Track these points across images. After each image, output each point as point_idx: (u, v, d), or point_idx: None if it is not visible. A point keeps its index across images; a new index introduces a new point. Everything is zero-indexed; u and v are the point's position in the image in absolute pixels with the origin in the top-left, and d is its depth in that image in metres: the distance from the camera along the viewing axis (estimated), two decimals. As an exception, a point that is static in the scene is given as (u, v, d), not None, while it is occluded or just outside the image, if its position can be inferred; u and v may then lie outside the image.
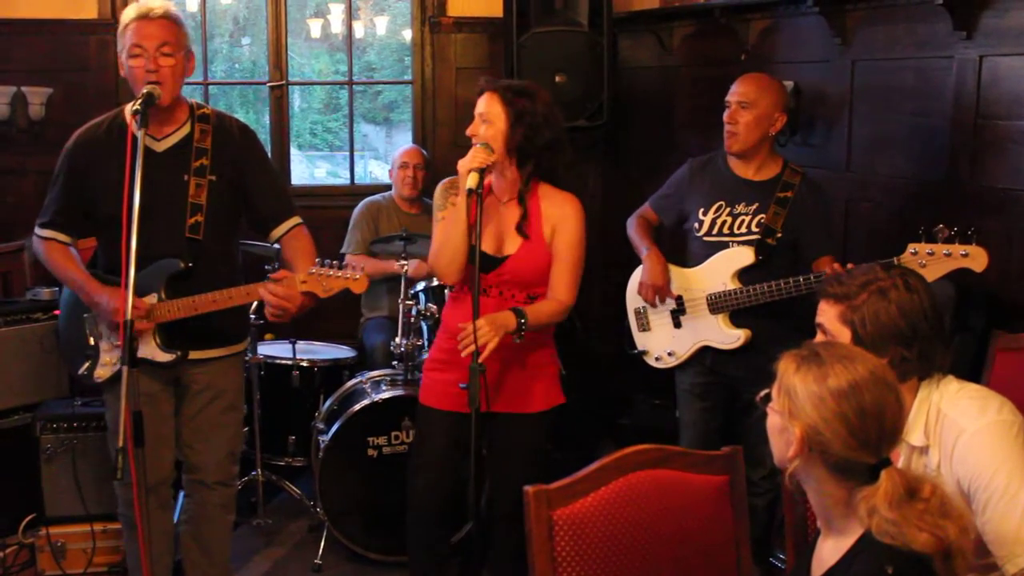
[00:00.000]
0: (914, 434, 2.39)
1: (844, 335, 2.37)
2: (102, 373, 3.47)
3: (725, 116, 3.76)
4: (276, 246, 3.62)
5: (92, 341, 3.49)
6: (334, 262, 3.28)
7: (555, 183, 3.42)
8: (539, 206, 3.38)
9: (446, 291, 3.72)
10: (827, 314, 2.42)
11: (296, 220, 3.54)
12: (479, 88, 3.38)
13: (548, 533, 2.35)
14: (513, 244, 3.37)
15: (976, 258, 3.19)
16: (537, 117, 3.29)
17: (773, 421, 2.00)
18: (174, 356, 3.40)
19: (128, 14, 3.31)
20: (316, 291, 3.28)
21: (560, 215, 3.37)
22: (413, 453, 3.67)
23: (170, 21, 3.30)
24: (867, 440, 1.87)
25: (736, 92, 3.75)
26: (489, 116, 3.29)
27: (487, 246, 3.34)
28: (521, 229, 3.36)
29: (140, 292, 3.10)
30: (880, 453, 1.88)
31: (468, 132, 3.33)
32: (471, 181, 3.17)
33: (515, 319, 3.24)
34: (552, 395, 3.50)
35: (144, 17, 3.26)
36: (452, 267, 3.32)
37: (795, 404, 1.92)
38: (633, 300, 4.00)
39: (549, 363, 3.51)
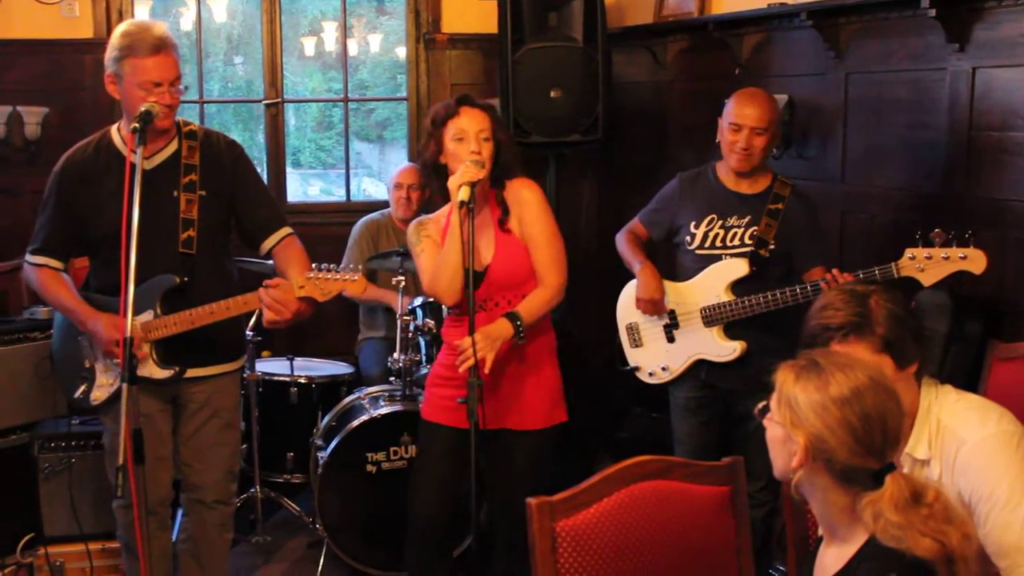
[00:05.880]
0: (920, 447, 2.39)
1: (886, 363, 2.35)
2: (99, 395, 3.47)
3: (737, 139, 3.68)
4: (270, 261, 3.62)
5: (88, 363, 3.48)
6: (331, 265, 3.27)
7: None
8: (497, 208, 3.42)
9: (444, 308, 3.73)
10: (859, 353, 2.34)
11: (287, 230, 3.54)
12: (456, 100, 3.37)
13: (551, 545, 2.35)
14: (488, 252, 3.38)
15: (975, 260, 3.19)
16: (510, 132, 3.37)
17: (774, 432, 2.00)
18: (172, 372, 3.39)
19: (136, 44, 3.24)
20: (315, 295, 3.26)
21: (518, 201, 3.39)
22: (414, 470, 3.65)
23: (176, 51, 3.32)
24: (872, 446, 1.88)
25: (749, 116, 3.67)
26: (489, 134, 3.32)
27: (477, 265, 3.32)
28: (503, 224, 3.38)
29: (136, 310, 3.11)
30: (884, 458, 1.89)
31: (472, 151, 3.28)
32: (463, 194, 3.16)
33: (510, 325, 3.25)
34: (554, 412, 3.50)
35: (158, 51, 3.24)
36: (453, 286, 3.29)
37: (797, 414, 1.93)
38: (624, 316, 3.99)
39: (550, 380, 3.51)
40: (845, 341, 2.36)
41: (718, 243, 3.78)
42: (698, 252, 3.81)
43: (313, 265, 3.30)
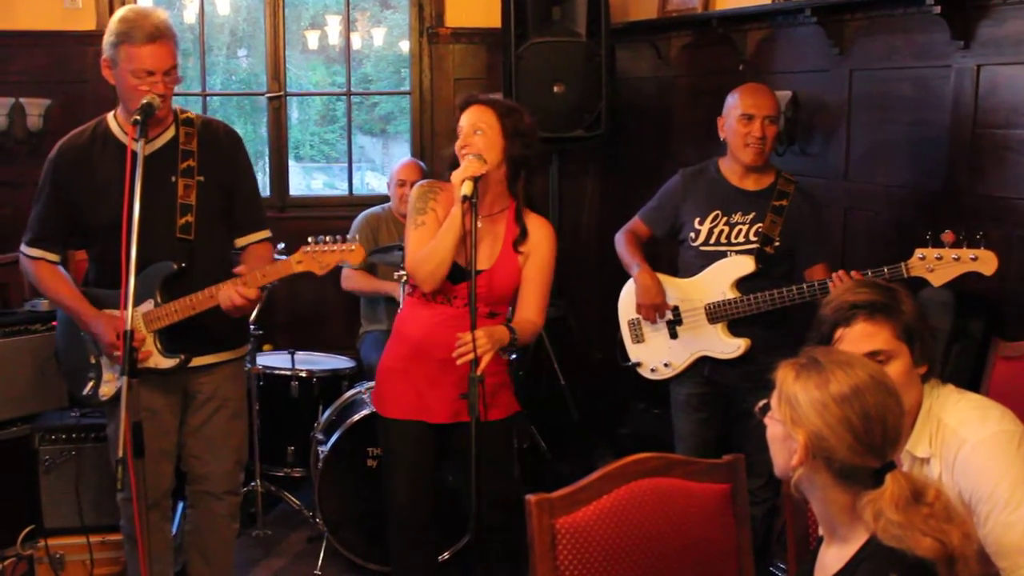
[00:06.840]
0: (920, 446, 2.39)
1: (903, 353, 2.35)
2: (107, 391, 3.44)
3: (751, 128, 3.68)
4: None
5: (93, 359, 3.46)
6: (327, 237, 3.26)
7: (528, 206, 3.45)
8: (515, 227, 3.41)
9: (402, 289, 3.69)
10: (879, 336, 2.35)
11: (266, 234, 3.55)
12: (461, 102, 3.39)
13: (551, 542, 2.35)
14: (488, 260, 3.36)
15: (986, 262, 3.18)
16: (529, 130, 3.34)
17: (774, 431, 2.00)
18: (177, 360, 3.37)
19: (132, 32, 3.22)
20: (313, 268, 3.27)
21: (535, 238, 3.39)
22: (386, 470, 3.64)
23: (173, 41, 3.30)
24: (872, 444, 1.87)
25: (762, 105, 3.70)
26: (482, 126, 3.29)
27: (463, 258, 3.29)
28: (516, 246, 3.37)
29: (136, 300, 3.09)
30: (884, 457, 1.88)
31: (459, 145, 3.29)
32: (466, 189, 3.16)
33: (508, 335, 3.26)
34: (512, 403, 3.54)
35: (154, 40, 3.22)
36: (437, 274, 3.28)
37: (797, 412, 1.92)
38: (626, 311, 3.98)
39: (503, 373, 3.53)
40: (871, 319, 2.34)
41: (723, 240, 3.77)
42: (702, 249, 3.80)
43: (309, 238, 3.29)
